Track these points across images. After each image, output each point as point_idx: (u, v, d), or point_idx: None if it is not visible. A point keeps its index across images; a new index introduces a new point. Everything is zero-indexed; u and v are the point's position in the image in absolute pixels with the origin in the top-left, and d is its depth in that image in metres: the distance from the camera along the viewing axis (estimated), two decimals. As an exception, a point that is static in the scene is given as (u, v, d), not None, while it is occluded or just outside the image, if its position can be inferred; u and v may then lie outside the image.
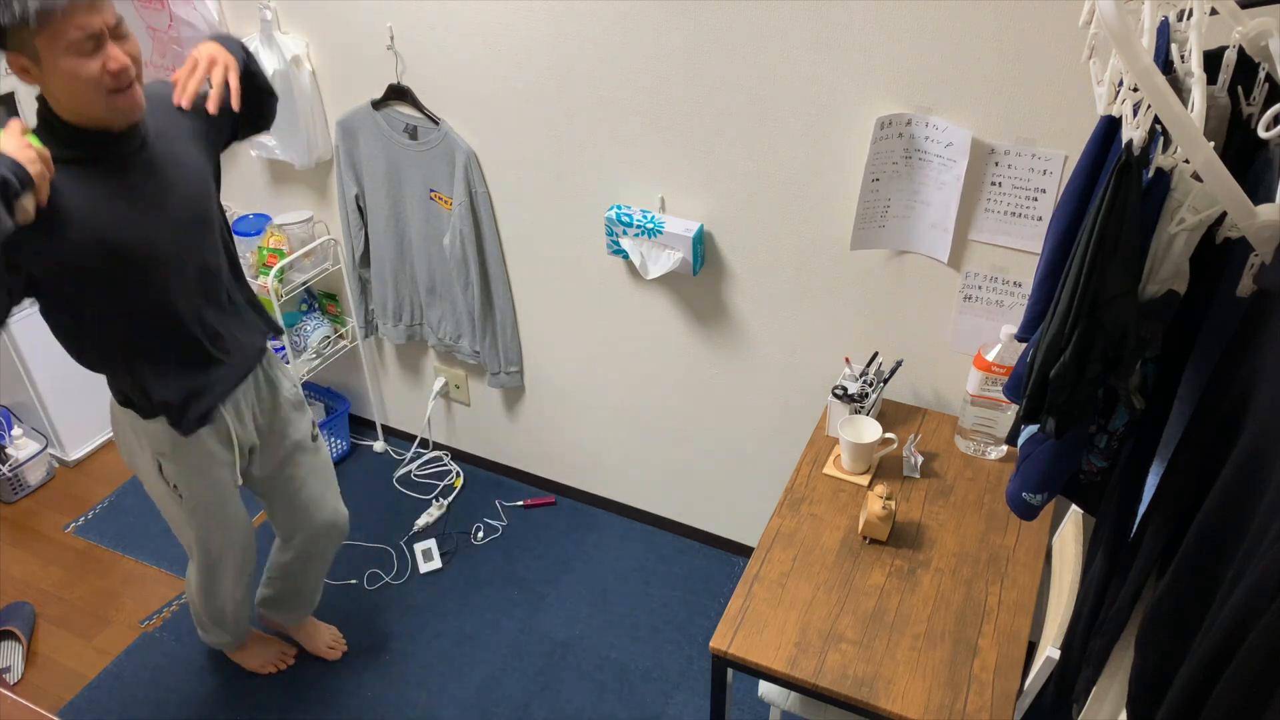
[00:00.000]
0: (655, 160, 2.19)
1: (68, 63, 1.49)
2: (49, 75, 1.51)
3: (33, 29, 1.45)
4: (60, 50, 1.48)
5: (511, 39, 2.17)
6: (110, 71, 1.52)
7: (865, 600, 1.76)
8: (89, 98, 1.53)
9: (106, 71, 1.51)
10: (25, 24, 1.44)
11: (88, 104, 1.54)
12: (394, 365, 2.98)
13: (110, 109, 1.56)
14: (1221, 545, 1.01)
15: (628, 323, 2.48)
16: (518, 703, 2.39)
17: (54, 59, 1.48)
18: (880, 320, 2.17)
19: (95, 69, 1.50)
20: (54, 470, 3.07)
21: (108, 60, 1.51)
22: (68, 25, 1.46)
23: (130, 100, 1.57)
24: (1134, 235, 1.08)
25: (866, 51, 1.86)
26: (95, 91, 1.52)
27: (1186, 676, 0.98)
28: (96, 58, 1.50)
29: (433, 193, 2.46)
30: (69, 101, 1.54)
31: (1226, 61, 1.21)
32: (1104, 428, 1.31)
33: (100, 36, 1.50)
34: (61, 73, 1.50)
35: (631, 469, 2.77)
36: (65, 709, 2.40)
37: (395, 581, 2.69)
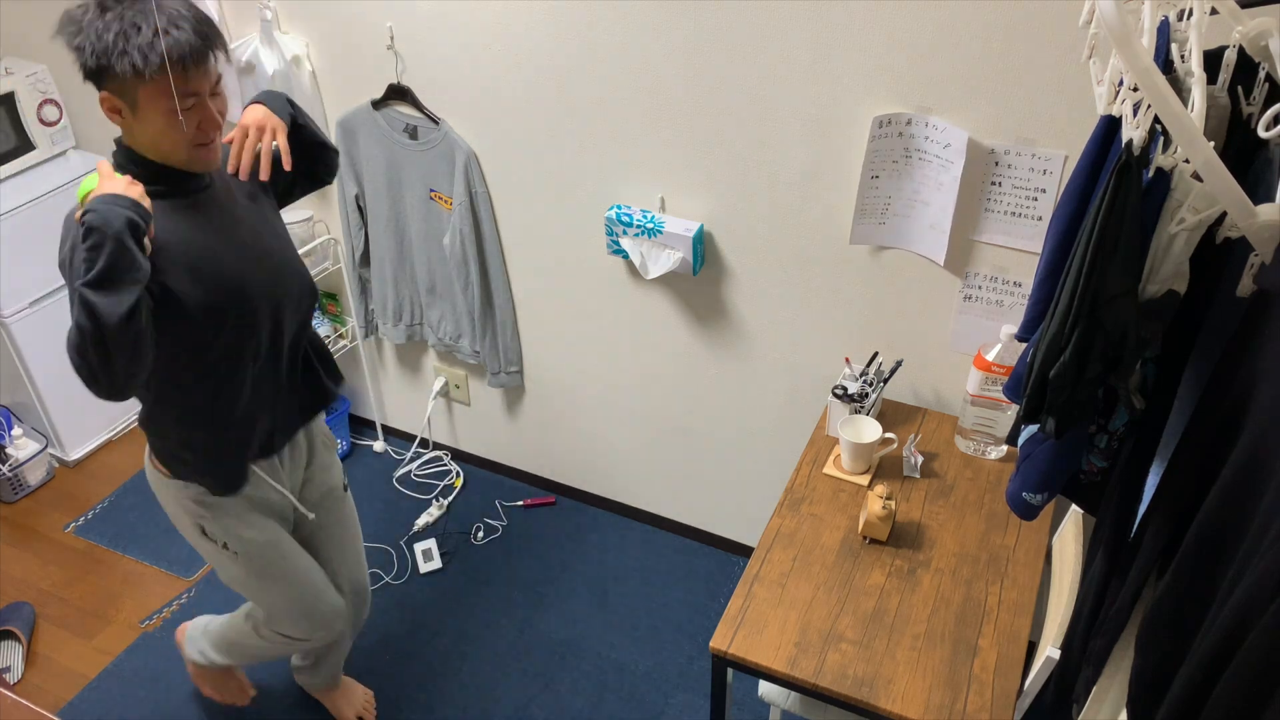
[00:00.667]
0: (655, 160, 2.19)
1: (167, 117, 1.51)
2: (142, 122, 1.52)
3: (143, 79, 1.46)
4: (162, 104, 1.49)
5: (511, 39, 2.17)
6: (202, 129, 1.55)
7: (865, 600, 1.76)
8: (175, 149, 1.55)
9: (199, 128, 1.54)
10: (140, 76, 1.45)
11: (172, 153, 1.56)
12: (394, 365, 2.98)
13: (191, 160, 1.58)
14: (1221, 545, 1.01)
15: (628, 323, 2.48)
16: (518, 703, 2.39)
17: (153, 110, 1.50)
18: (880, 320, 2.17)
19: (190, 124, 1.53)
20: (54, 470, 3.07)
21: (203, 120, 1.54)
22: (178, 82, 1.48)
23: (212, 152, 1.59)
24: (1134, 235, 1.08)
25: (866, 51, 1.85)
26: (183, 144, 1.55)
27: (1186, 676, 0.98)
28: (193, 114, 1.53)
29: (433, 193, 2.46)
30: (152, 146, 1.56)
31: (1226, 61, 1.21)
32: (1104, 428, 1.31)
33: (202, 95, 1.52)
34: (158, 123, 1.51)
35: (631, 469, 2.77)
36: (65, 709, 2.40)
37: (395, 581, 2.69)
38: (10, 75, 2.73)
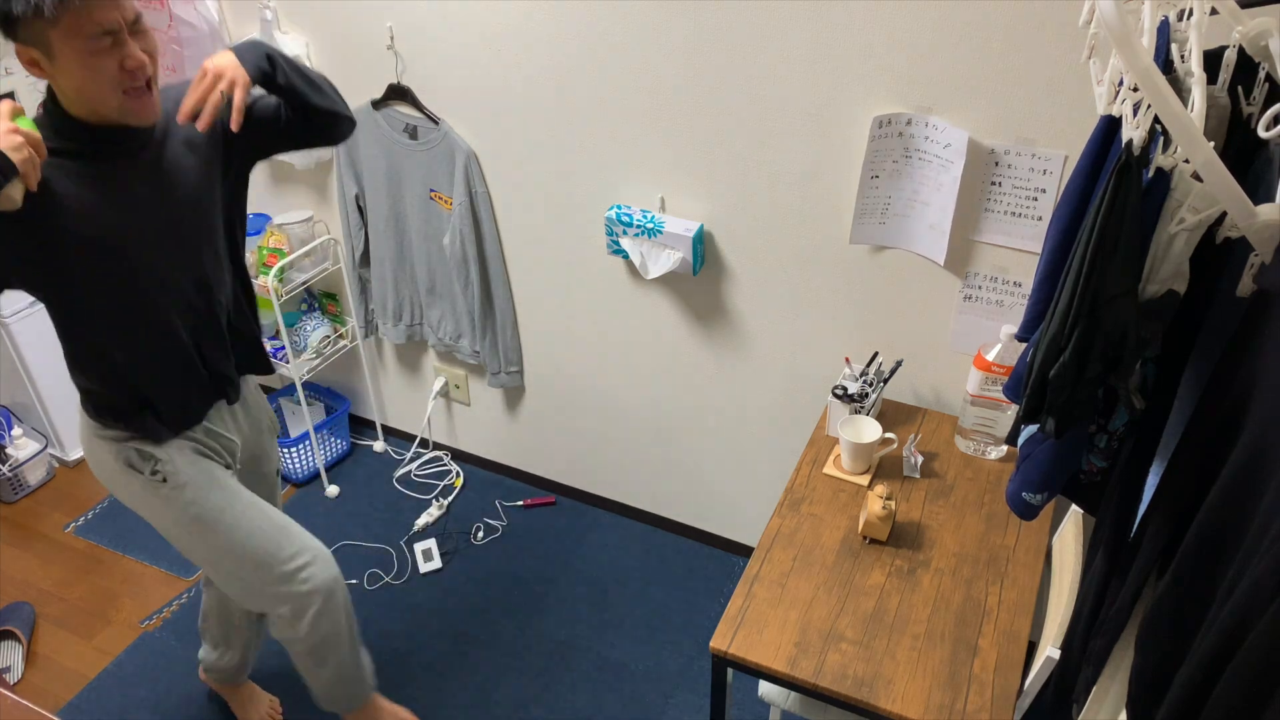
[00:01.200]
0: (655, 160, 2.19)
1: (82, 59, 1.41)
2: (61, 70, 1.43)
3: (48, 20, 1.37)
4: (75, 45, 1.40)
5: (511, 39, 2.17)
6: (127, 70, 1.44)
7: (865, 600, 1.76)
8: (102, 96, 1.46)
9: (122, 70, 1.44)
10: (40, 14, 1.36)
11: (100, 102, 1.47)
12: (394, 365, 2.98)
13: (124, 110, 1.49)
14: (1221, 545, 1.01)
15: (628, 323, 2.48)
16: (518, 703, 2.39)
17: (68, 54, 1.40)
18: (880, 320, 2.17)
19: (111, 67, 1.43)
20: (54, 470, 3.07)
21: (124, 58, 1.44)
22: (85, 19, 1.38)
23: (145, 103, 1.50)
24: (1134, 235, 1.08)
25: (866, 51, 1.85)
26: (110, 90, 1.45)
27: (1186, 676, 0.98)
28: (113, 55, 1.42)
29: (433, 193, 2.46)
30: (80, 99, 1.47)
31: (1226, 61, 1.21)
32: (1104, 428, 1.31)
33: (118, 32, 1.42)
34: (75, 69, 1.42)
35: (631, 469, 2.77)
36: (65, 709, 2.40)
37: (395, 581, 2.69)
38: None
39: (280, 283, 2.61)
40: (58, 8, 1.36)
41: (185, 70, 2.49)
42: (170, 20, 2.44)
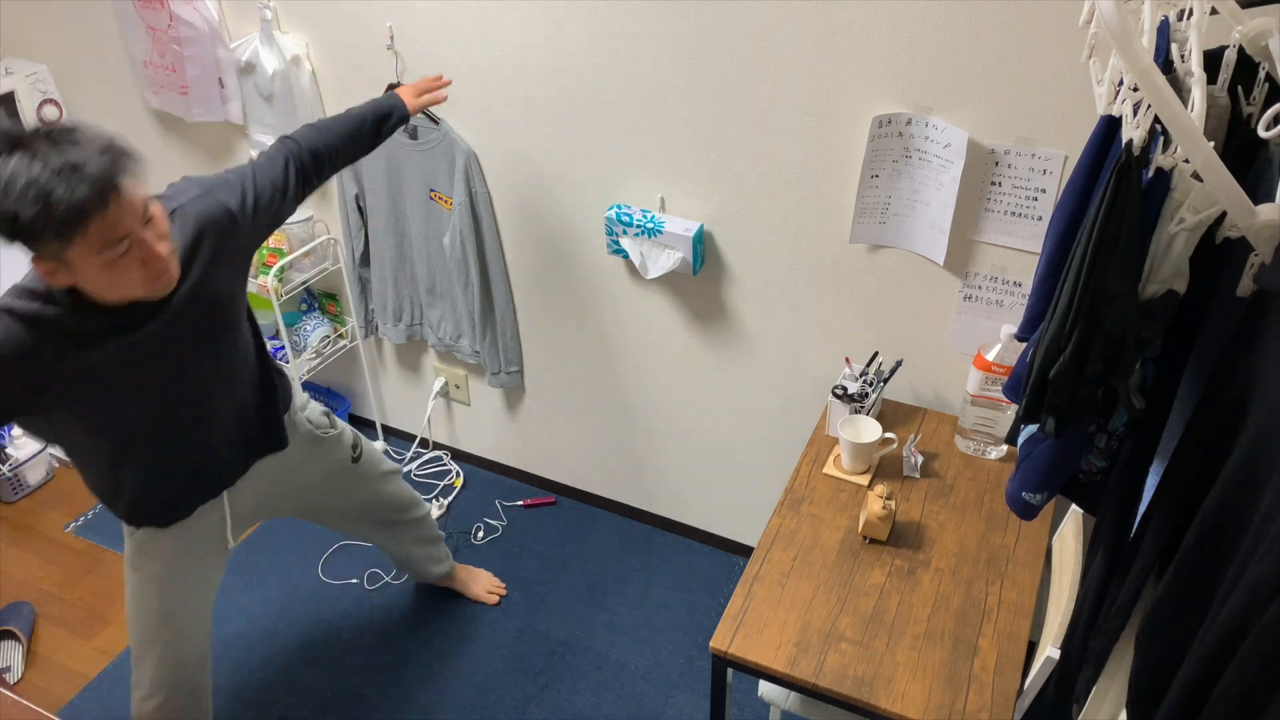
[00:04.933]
0: (655, 160, 2.19)
1: (102, 268, 1.41)
2: (82, 279, 1.43)
3: (62, 241, 1.36)
4: (92, 259, 1.40)
5: (511, 39, 2.17)
6: (149, 269, 1.46)
7: (865, 600, 1.76)
8: (127, 293, 1.47)
9: (144, 268, 1.45)
10: (54, 237, 1.35)
11: (123, 295, 1.48)
12: (394, 365, 2.98)
13: (149, 292, 1.50)
14: (1221, 545, 1.01)
15: (628, 323, 2.48)
16: (518, 703, 2.39)
17: (87, 267, 1.41)
18: (880, 320, 2.17)
19: (133, 268, 1.44)
20: (54, 470, 3.07)
21: (145, 259, 1.45)
22: (97, 236, 1.38)
23: (167, 279, 1.50)
24: (1134, 235, 1.08)
25: (867, 51, 1.85)
26: (134, 287, 1.47)
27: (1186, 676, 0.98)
28: (132, 257, 1.43)
29: (433, 193, 2.46)
30: (103, 293, 1.47)
31: (1226, 61, 1.21)
32: (1104, 428, 1.31)
33: (132, 234, 1.42)
34: (97, 277, 1.43)
35: (632, 469, 2.77)
36: (65, 709, 2.40)
37: (395, 581, 2.69)
38: (10, 75, 2.73)
39: (280, 283, 2.61)
40: (67, 231, 1.35)
41: (185, 70, 2.49)
42: (170, 20, 2.44)
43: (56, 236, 1.35)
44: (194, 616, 1.92)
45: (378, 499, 2.22)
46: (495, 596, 2.62)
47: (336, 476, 2.09)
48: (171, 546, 1.84)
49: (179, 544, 1.85)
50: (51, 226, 1.33)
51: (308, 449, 2.01)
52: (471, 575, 2.63)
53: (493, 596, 2.62)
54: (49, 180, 1.31)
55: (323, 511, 2.15)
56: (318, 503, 2.11)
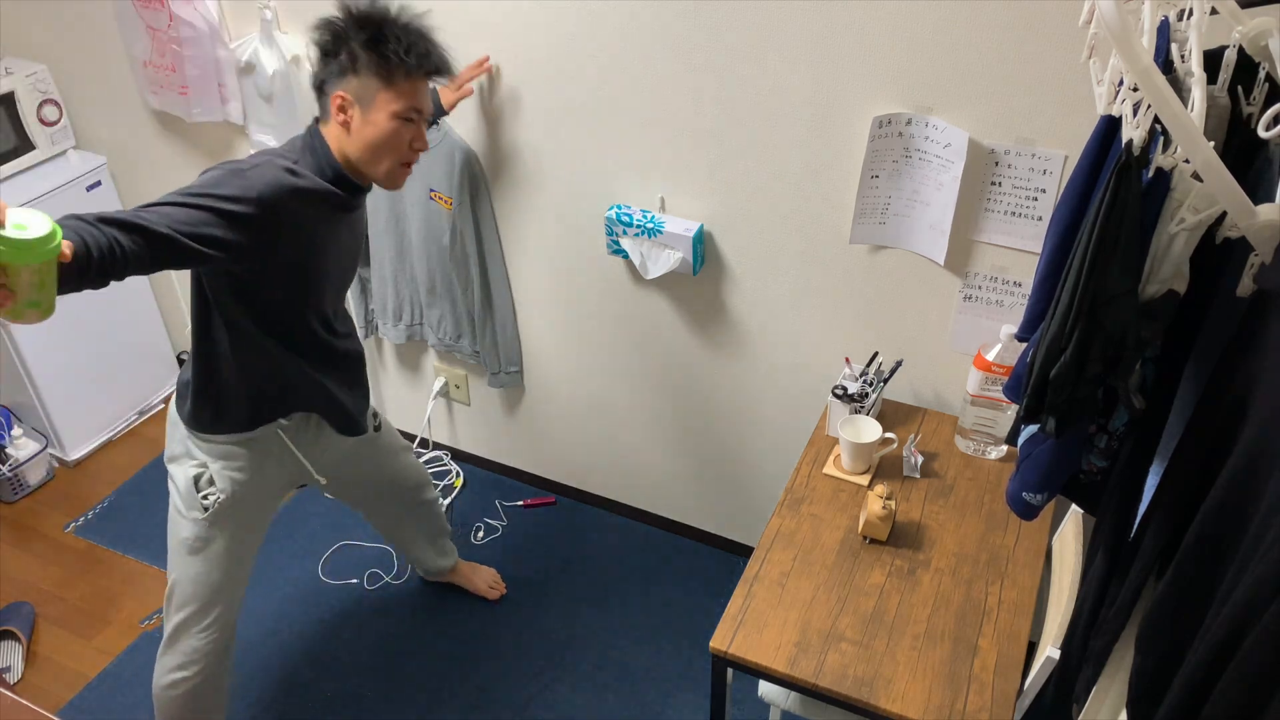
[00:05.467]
0: (655, 160, 2.19)
1: (391, 123, 1.64)
2: (368, 124, 1.65)
3: (387, 77, 1.61)
4: (392, 110, 1.63)
5: (511, 38, 2.17)
6: (413, 148, 1.70)
7: (865, 600, 1.76)
8: (383, 157, 1.68)
9: (410, 147, 1.69)
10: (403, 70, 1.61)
11: (376, 163, 1.69)
12: (394, 365, 2.98)
13: (389, 177, 1.71)
14: (1221, 545, 1.01)
15: (628, 323, 2.48)
16: (518, 703, 2.39)
17: (382, 115, 1.64)
18: (880, 320, 2.17)
19: (406, 139, 1.67)
20: (54, 470, 3.07)
21: (415, 138, 1.69)
22: (412, 95, 1.64)
23: (405, 177, 1.74)
24: (1134, 235, 1.08)
25: (867, 51, 1.85)
26: (393, 156, 1.68)
27: (1186, 676, 0.98)
28: (409, 130, 1.67)
29: (432, 193, 2.46)
30: (361, 153, 1.67)
31: (1226, 61, 1.21)
32: (1104, 428, 1.31)
33: (420, 116, 1.68)
34: (381, 127, 1.64)
35: (631, 469, 2.77)
36: (65, 709, 2.40)
37: (395, 581, 2.69)
38: (10, 75, 2.73)
39: (280, 283, 2.61)
40: (414, 70, 1.62)
41: (185, 70, 2.49)
42: (170, 20, 2.44)
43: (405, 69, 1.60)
44: (243, 588, 2.04)
45: (395, 472, 2.27)
46: (496, 592, 2.63)
47: (361, 445, 2.15)
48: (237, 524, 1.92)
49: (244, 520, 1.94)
50: (412, 55, 1.60)
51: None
52: (474, 570, 2.65)
53: (494, 592, 2.63)
54: (427, 34, 1.65)
55: (348, 484, 2.21)
56: (347, 472, 2.16)
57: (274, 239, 1.61)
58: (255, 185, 1.56)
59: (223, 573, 1.94)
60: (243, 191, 1.54)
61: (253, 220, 1.56)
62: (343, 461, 2.12)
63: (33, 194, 2.78)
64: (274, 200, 1.58)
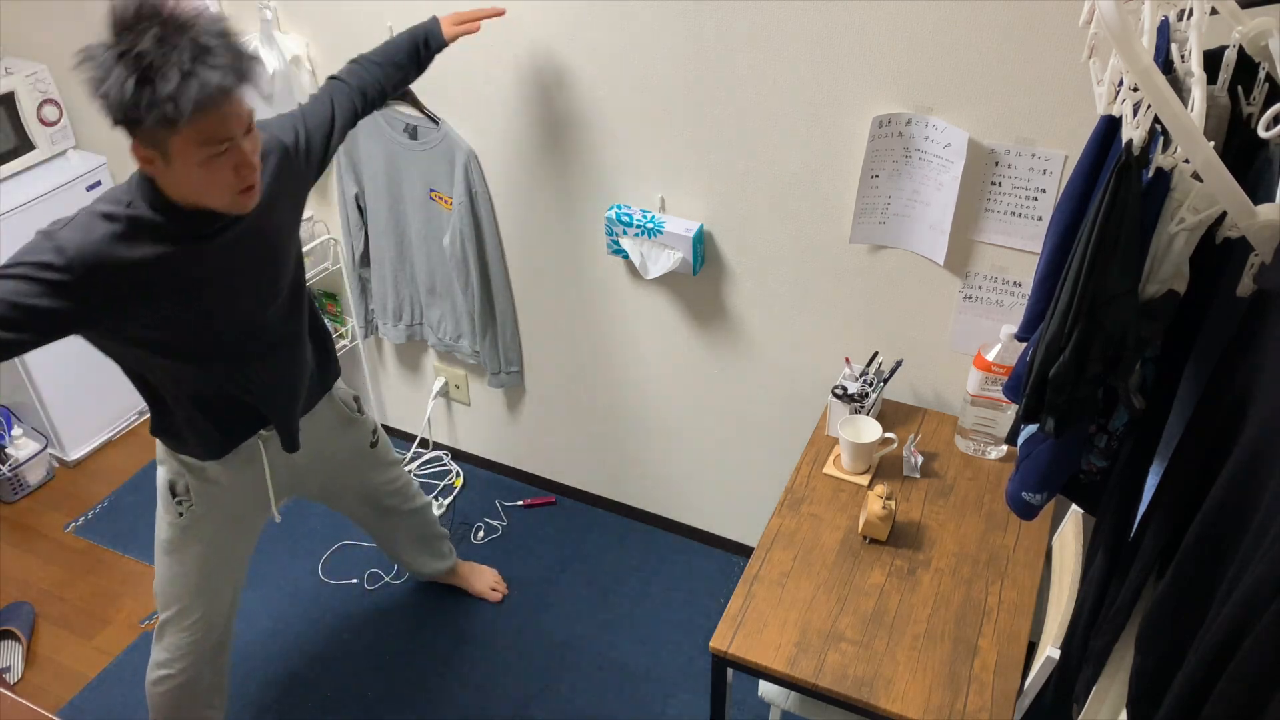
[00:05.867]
0: (655, 160, 2.19)
1: (199, 165, 1.43)
2: (176, 173, 1.45)
3: (171, 129, 1.38)
4: (193, 152, 1.42)
5: (511, 38, 2.17)
6: (240, 175, 1.48)
7: (865, 600, 1.76)
8: (213, 197, 1.49)
9: (236, 174, 1.47)
10: (168, 125, 1.37)
11: (210, 199, 1.50)
12: (394, 365, 2.98)
13: (231, 205, 1.52)
14: (1221, 545, 1.01)
15: (628, 323, 2.48)
16: (518, 703, 2.39)
17: (185, 160, 1.43)
18: (880, 320, 2.17)
19: (226, 171, 1.46)
20: (54, 470, 3.07)
21: (239, 165, 1.47)
22: (207, 130, 1.40)
23: (251, 197, 1.52)
24: (1134, 235, 1.08)
25: (867, 51, 1.85)
26: (221, 192, 1.49)
27: (1186, 676, 0.98)
28: (228, 159, 1.45)
29: (433, 193, 2.46)
30: (188, 194, 1.49)
31: (1226, 61, 1.21)
32: (1104, 428, 1.31)
33: (235, 138, 1.44)
34: (191, 173, 1.45)
35: (631, 469, 2.77)
36: (65, 709, 2.40)
37: (395, 581, 2.69)
38: (10, 75, 2.73)
39: (280, 283, 2.61)
40: (185, 119, 1.36)
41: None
42: (170, 20, 2.43)
43: (173, 118, 1.35)
44: (230, 589, 2.00)
45: (383, 484, 2.26)
46: (498, 593, 2.63)
47: (356, 459, 2.15)
48: (214, 526, 1.90)
49: (221, 523, 1.91)
50: (174, 104, 1.34)
51: (339, 428, 2.08)
52: (474, 571, 2.64)
53: (495, 593, 2.62)
54: (185, 61, 1.34)
55: (339, 492, 2.20)
56: (337, 482, 2.16)
57: (111, 294, 1.49)
58: (67, 247, 1.43)
59: (201, 576, 1.93)
60: (54, 256, 1.43)
61: (72, 285, 1.44)
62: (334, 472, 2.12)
63: (33, 194, 2.78)
64: (92, 257, 1.45)
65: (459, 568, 2.61)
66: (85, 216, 1.48)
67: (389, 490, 2.29)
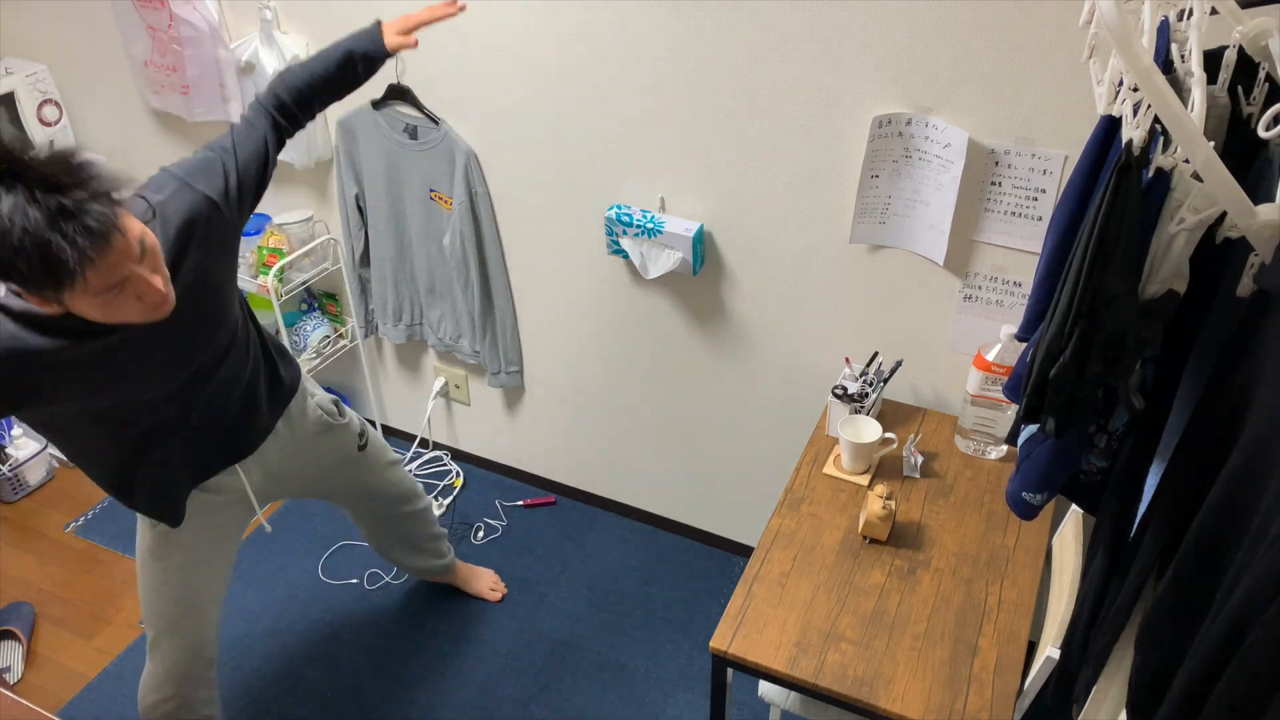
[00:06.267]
0: (655, 160, 2.19)
1: (99, 306, 1.38)
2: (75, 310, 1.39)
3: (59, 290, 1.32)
4: (89, 299, 1.36)
5: (511, 38, 2.17)
6: (145, 302, 1.41)
7: (865, 600, 1.76)
8: (124, 318, 1.43)
9: (141, 301, 1.41)
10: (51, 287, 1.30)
11: (120, 321, 1.43)
12: (394, 365, 2.98)
13: (145, 318, 1.45)
14: (1222, 545, 1.01)
15: (628, 323, 2.48)
16: (518, 703, 2.39)
17: (83, 304, 1.37)
18: (880, 320, 2.17)
19: (129, 303, 1.40)
20: (54, 470, 3.07)
21: (141, 295, 1.40)
22: (97, 282, 1.34)
23: (166, 304, 1.45)
24: (1134, 235, 1.08)
25: (867, 51, 1.85)
26: (130, 315, 1.42)
27: (1187, 676, 0.98)
28: (128, 291, 1.38)
29: (433, 193, 2.46)
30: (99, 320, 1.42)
31: (1226, 61, 1.21)
32: (1104, 428, 1.31)
33: (130, 272, 1.37)
34: (90, 311, 1.39)
35: (631, 469, 2.77)
36: (65, 709, 2.40)
37: (395, 582, 2.69)
38: (10, 75, 2.73)
39: (280, 283, 2.61)
40: (64, 281, 1.30)
41: (185, 70, 2.49)
42: (170, 20, 2.44)
43: (52, 286, 1.30)
44: (214, 604, 1.96)
45: (378, 489, 2.24)
46: (497, 593, 2.63)
47: (343, 464, 2.12)
48: (195, 534, 1.87)
49: (202, 531, 1.88)
50: (48, 277, 1.28)
51: (318, 436, 2.03)
52: (474, 572, 2.64)
53: (495, 594, 2.63)
54: (45, 229, 1.25)
55: (330, 493, 2.19)
56: (325, 484, 2.15)
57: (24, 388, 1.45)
58: None
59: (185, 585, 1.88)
60: None
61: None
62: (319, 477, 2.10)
63: (33, 194, 2.78)
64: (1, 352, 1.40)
65: (458, 568, 2.61)
66: None
67: (388, 494, 2.26)
